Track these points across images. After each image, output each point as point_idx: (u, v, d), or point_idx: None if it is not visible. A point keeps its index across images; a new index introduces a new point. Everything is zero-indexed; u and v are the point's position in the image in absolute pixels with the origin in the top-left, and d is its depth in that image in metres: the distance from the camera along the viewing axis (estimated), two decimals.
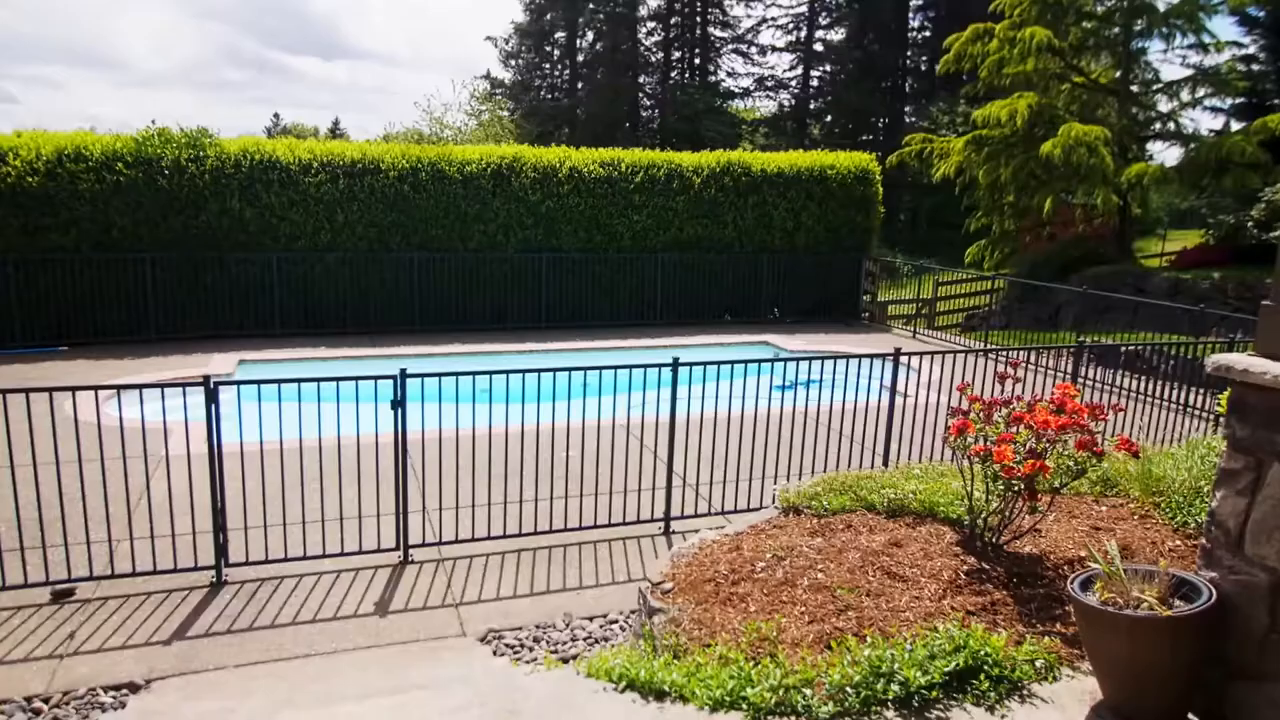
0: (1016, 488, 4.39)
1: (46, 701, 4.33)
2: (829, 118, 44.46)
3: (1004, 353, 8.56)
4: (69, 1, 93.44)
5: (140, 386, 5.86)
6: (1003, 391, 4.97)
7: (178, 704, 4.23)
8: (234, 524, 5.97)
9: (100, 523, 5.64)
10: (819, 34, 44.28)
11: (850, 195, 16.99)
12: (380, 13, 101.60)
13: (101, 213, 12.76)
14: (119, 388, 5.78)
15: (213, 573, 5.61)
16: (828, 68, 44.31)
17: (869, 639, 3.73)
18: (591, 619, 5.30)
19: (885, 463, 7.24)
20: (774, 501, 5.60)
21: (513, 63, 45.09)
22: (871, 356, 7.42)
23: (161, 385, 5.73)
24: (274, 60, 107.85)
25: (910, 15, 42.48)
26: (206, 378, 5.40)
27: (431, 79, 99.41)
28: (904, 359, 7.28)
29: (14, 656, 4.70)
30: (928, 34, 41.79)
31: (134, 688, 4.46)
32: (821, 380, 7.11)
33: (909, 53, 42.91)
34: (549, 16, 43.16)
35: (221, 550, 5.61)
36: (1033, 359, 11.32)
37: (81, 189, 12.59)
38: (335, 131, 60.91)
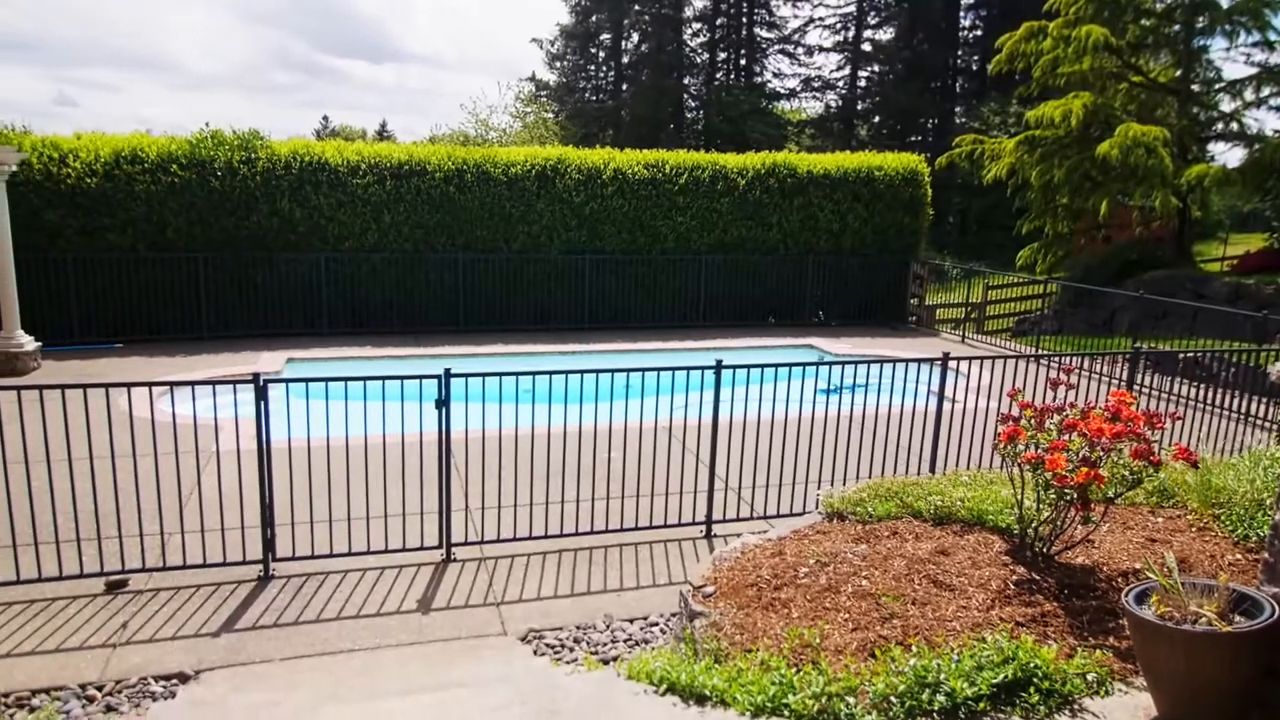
0: (1069, 497, 4.27)
1: (100, 689, 4.44)
2: (876, 118, 43.95)
3: (1057, 358, 8.37)
4: (127, 7, 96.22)
5: (192, 384, 5.99)
6: (1055, 398, 4.85)
7: (226, 695, 4.30)
8: (281, 519, 6.06)
9: (153, 516, 5.77)
10: (867, 34, 43.80)
11: (898, 197, 16.77)
12: (427, 16, 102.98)
13: (157, 213, 13.09)
14: (172, 384, 5.91)
15: (260, 567, 5.71)
16: (876, 68, 43.81)
17: (914, 648, 3.65)
18: (631, 621, 5.28)
19: (932, 469, 7.11)
20: (817, 507, 5.53)
21: (557, 65, 45.33)
22: (919, 361, 7.29)
23: (213, 382, 5.84)
24: (323, 63, 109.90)
25: (961, 14, 41.83)
26: (256, 375, 5.49)
27: (477, 81, 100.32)
28: (952, 364, 7.15)
29: (70, 644, 4.82)
30: (979, 33, 41.09)
31: (184, 678, 4.55)
32: (867, 384, 7.01)
33: (959, 52, 42.24)
34: (594, 18, 43.29)
35: (269, 545, 5.70)
36: (1086, 365, 11.05)
37: (138, 190, 12.93)
38: (383, 133, 61.86)
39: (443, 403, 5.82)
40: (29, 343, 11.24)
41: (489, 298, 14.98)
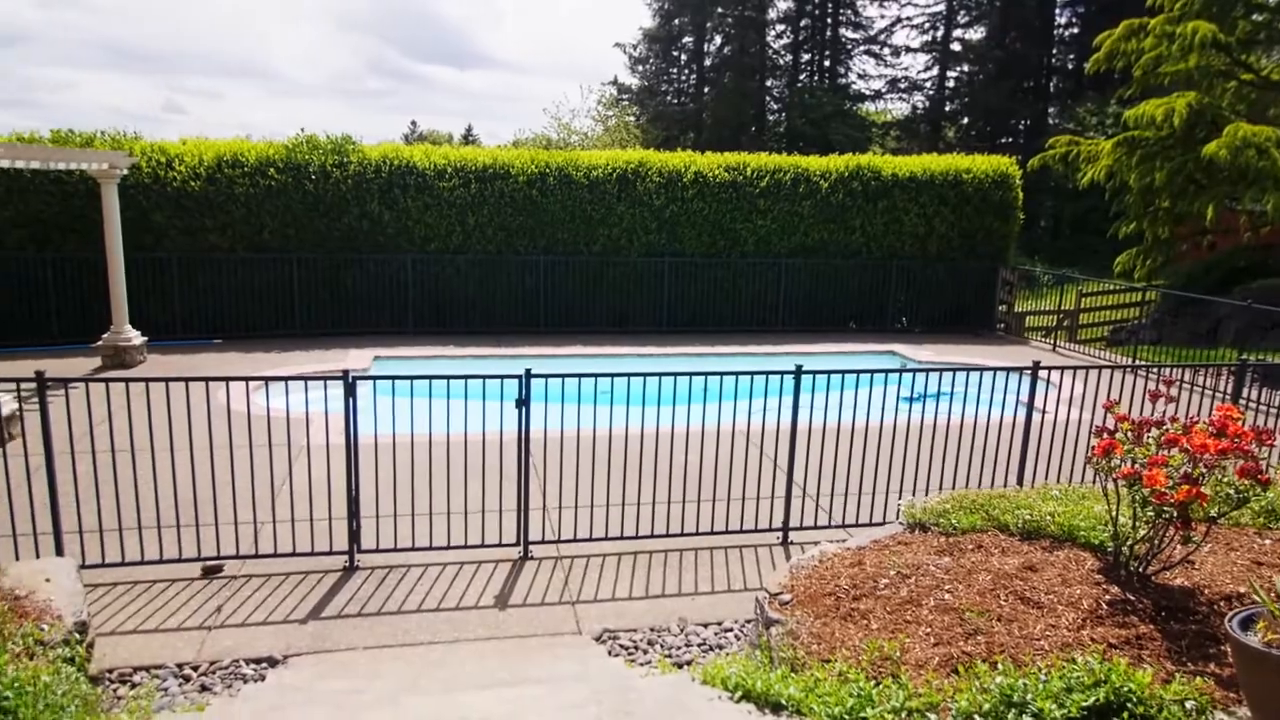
0: (1168, 515, 4.07)
1: (195, 669, 4.64)
2: (965, 120, 42.78)
3: (1156, 369, 7.99)
4: (232, 20, 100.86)
5: (285, 379, 6.21)
6: (1154, 411, 4.63)
7: (312, 681, 4.45)
8: (366, 512, 6.24)
9: (246, 505, 6.01)
10: (957, 33, 42.70)
11: (987, 200, 16.31)
12: (512, 23, 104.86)
13: (254, 215, 13.66)
14: (266, 380, 6.15)
15: (346, 557, 5.89)
16: (965, 68, 42.66)
17: (1000, 666, 3.54)
18: (706, 625, 5.26)
19: (1020, 482, 6.88)
20: (899, 517, 5.40)
21: (640, 68, 45.54)
22: (1007, 369, 7.07)
23: (304, 378, 6.05)
24: (413, 70, 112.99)
25: (1056, 11, 40.40)
26: (345, 372, 5.67)
27: (560, 86, 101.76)
28: (1043, 373, 6.90)
29: (168, 625, 5.06)
30: (1075, 30, 39.62)
31: (273, 662, 4.73)
32: (952, 393, 6.82)
33: (1054, 51, 40.80)
34: (677, 22, 43.34)
35: (355, 536, 5.87)
36: (1188, 377, 10.53)
37: (237, 193, 13.52)
38: (468, 138, 63.18)
39: (523, 402, 5.90)
40: (136, 337, 11.86)
41: (569, 299, 15.14)
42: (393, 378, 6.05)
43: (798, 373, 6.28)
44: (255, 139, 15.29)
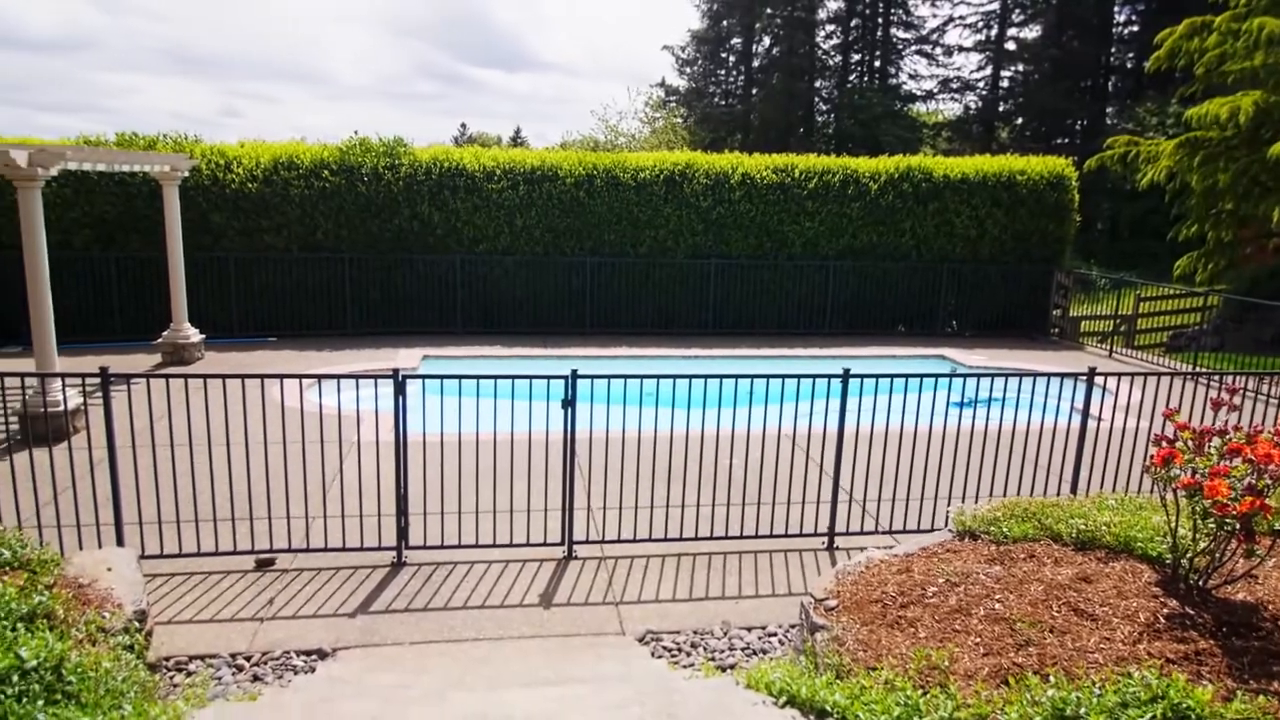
0: (1230, 527, 3.94)
1: (248, 659, 4.75)
2: (1019, 120, 41.94)
3: (1218, 377, 7.75)
4: (288, 26, 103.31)
5: (337, 377, 6.33)
6: (1216, 420, 4.49)
7: (361, 674, 4.52)
8: (414, 509, 6.32)
9: (299, 500, 6.14)
10: (1011, 32, 41.91)
11: (1042, 202, 15.98)
12: (561, 26, 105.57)
13: (309, 216, 13.95)
14: (319, 378, 6.27)
15: (394, 553, 5.97)
16: (1020, 67, 41.82)
17: (1052, 678, 3.46)
18: (749, 629, 5.23)
19: (1074, 490, 6.72)
20: (947, 524, 5.32)
21: (687, 70, 45.50)
22: (1061, 375, 6.91)
23: (356, 377, 6.16)
24: (463, 73, 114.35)
25: (1115, 9, 39.42)
26: (395, 371, 5.75)
27: (608, 88, 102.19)
28: (1099, 379, 6.74)
29: (222, 616, 5.19)
30: (1135, 28, 38.63)
31: (322, 655, 4.82)
32: (1004, 399, 6.69)
33: (1113, 49, 39.82)
34: (725, 23, 43.24)
35: (403, 533, 5.96)
36: (1253, 385, 10.19)
37: (292, 194, 13.82)
38: (516, 140, 63.75)
39: (569, 403, 5.93)
40: (195, 335, 12.18)
41: (614, 300, 15.19)
42: (441, 377, 6.12)
43: (845, 376, 6.22)
44: (310, 141, 15.62)
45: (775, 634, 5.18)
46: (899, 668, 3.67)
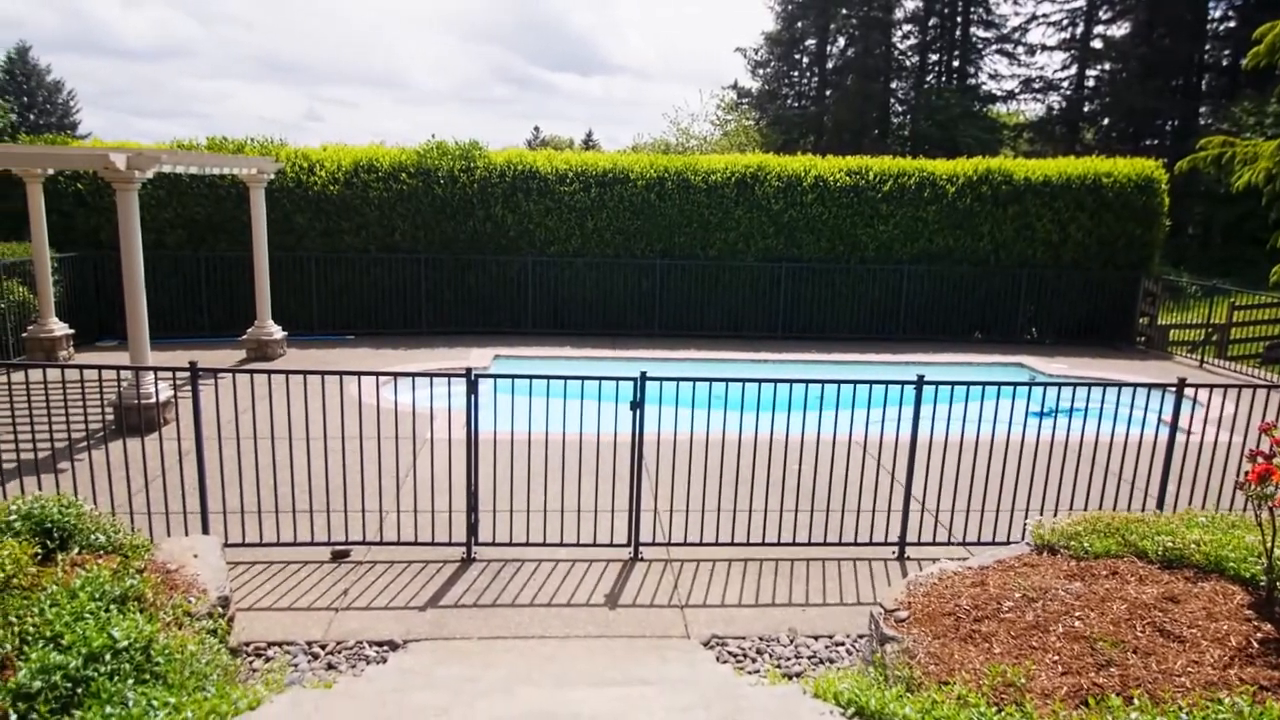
0: None
1: (323, 648, 4.89)
2: (1105, 121, 40.46)
3: None
4: (369, 33, 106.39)
5: (412, 375, 6.48)
6: None
7: (431, 666, 4.61)
8: (484, 506, 6.42)
9: (374, 494, 6.30)
10: (1098, 29, 40.48)
11: (1129, 206, 15.39)
12: (634, 30, 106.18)
13: (387, 217, 14.31)
14: (395, 375, 6.42)
15: (464, 549, 6.08)
16: (1106, 66, 40.35)
17: (1135, 701, 3.33)
18: (816, 638, 5.16)
19: (1160, 506, 6.45)
20: (1024, 537, 5.16)
21: (760, 72, 45.18)
22: (1148, 386, 6.64)
23: (430, 375, 6.29)
24: (536, 76, 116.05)
25: (1210, 4, 37.72)
26: (468, 370, 5.86)
27: (680, 91, 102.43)
28: (1189, 391, 6.45)
29: (300, 605, 5.35)
30: (1231, 24, 36.90)
31: (394, 646, 4.93)
32: (1086, 409, 6.47)
33: (1207, 46, 38.11)
34: (800, 24, 42.81)
35: (473, 529, 6.05)
36: None
37: (371, 196, 14.19)
38: (588, 143, 64.24)
39: (637, 405, 5.95)
40: (277, 332, 12.61)
41: (683, 303, 15.18)
42: (512, 376, 6.20)
43: (919, 383, 6.09)
44: (389, 145, 16.03)
45: (843, 643, 5.10)
46: (972, 683, 3.57)
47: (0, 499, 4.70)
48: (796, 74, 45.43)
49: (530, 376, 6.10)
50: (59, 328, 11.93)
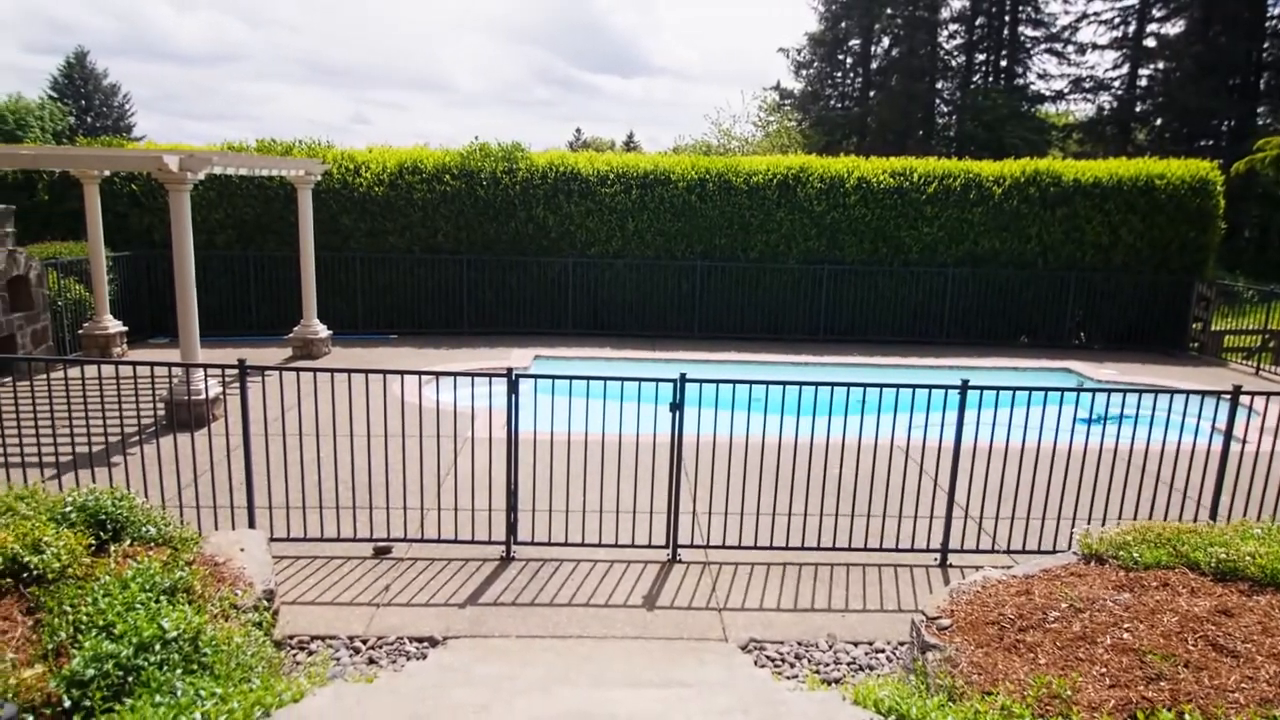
0: None
1: (365, 643, 4.96)
2: (1158, 121, 39.50)
3: None
4: (414, 37, 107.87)
5: (454, 374, 6.54)
6: None
7: (470, 663, 4.65)
8: (523, 505, 6.46)
9: (415, 492, 6.37)
10: (1151, 28, 39.54)
11: (1182, 208, 15.01)
12: (676, 31, 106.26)
13: (430, 219, 14.48)
14: (437, 374, 6.49)
15: (503, 548, 6.12)
16: (1160, 65, 39.38)
17: (1187, 716, 3.24)
18: (855, 644, 5.11)
19: (1213, 517, 6.28)
20: (1071, 546, 5.05)
21: (803, 73, 44.88)
22: (1201, 393, 6.47)
23: (472, 374, 6.35)
24: (579, 79, 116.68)
25: (1269, 1, 36.63)
26: (509, 370, 5.89)
27: (721, 92, 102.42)
28: (1244, 399, 6.27)
29: (342, 599, 5.43)
30: None
31: (434, 642, 4.99)
32: (1136, 416, 6.32)
33: (1265, 45, 37.01)
34: (843, 25, 42.46)
35: (512, 528, 6.09)
36: None
37: (415, 198, 14.37)
38: (629, 144, 64.33)
39: (677, 407, 5.94)
40: (323, 331, 12.82)
41: (724, 305, 15.13)
42: (552, 377, 6.23)
43: (963, 388, 6.00)
44: (433, 147, 16.21)
45: (883, 650, 5.04)
46: (1016, 694, 3.51)
47: (57, 491, 4.84)
48: (840, 74, 45.05)
49: (570, 377, 6.12)
50: (113, 325, 12.27)
